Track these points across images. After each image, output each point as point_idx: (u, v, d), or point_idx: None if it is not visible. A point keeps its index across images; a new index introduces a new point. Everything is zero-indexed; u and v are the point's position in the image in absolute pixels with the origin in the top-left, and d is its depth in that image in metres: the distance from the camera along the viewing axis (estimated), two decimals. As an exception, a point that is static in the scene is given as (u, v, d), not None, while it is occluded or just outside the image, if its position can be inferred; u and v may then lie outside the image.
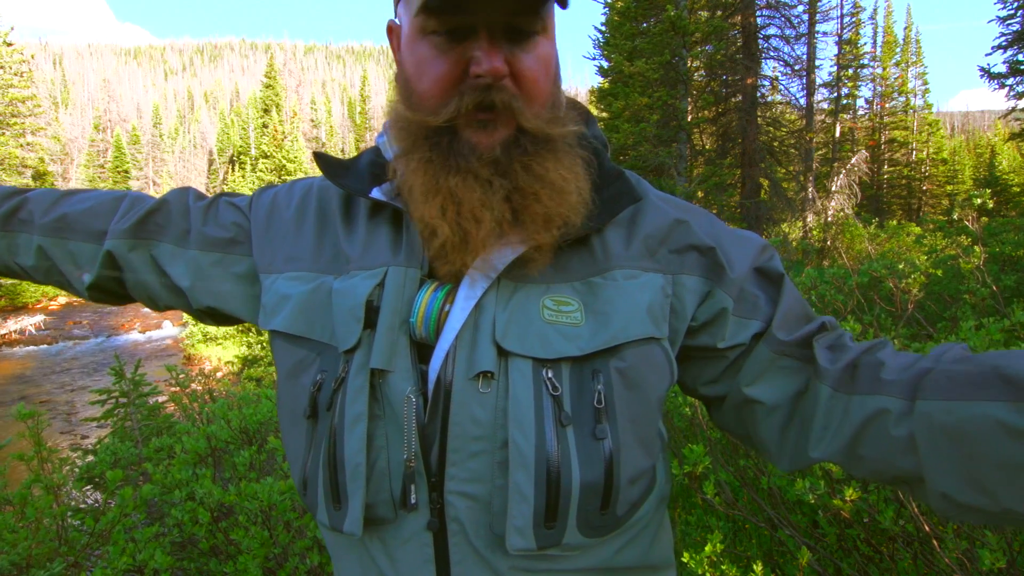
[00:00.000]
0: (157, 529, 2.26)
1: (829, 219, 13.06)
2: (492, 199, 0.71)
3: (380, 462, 0.73)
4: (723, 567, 1.62)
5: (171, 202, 0.92)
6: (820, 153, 20.91)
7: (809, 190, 15.62)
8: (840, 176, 15.23)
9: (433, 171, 0.72)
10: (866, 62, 27.22)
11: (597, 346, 0.71)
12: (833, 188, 14.99)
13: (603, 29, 17.03)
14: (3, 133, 31.04)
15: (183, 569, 2.34)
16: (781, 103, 16.49)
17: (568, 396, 0.71)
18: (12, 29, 32.83)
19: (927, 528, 1.58)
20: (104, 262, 0.91)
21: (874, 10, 36.96)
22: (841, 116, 22.08)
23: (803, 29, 15.95)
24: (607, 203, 0.77)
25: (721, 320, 0.78)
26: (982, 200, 2.72)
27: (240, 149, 64.70)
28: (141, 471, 3.30)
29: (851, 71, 23.37)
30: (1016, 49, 16.51)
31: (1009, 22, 16.62)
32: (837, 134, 21.95)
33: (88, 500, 3.49)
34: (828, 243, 11.55)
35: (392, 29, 0.82)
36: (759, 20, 14.97)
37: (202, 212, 0.91)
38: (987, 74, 16.50)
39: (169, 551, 2.19)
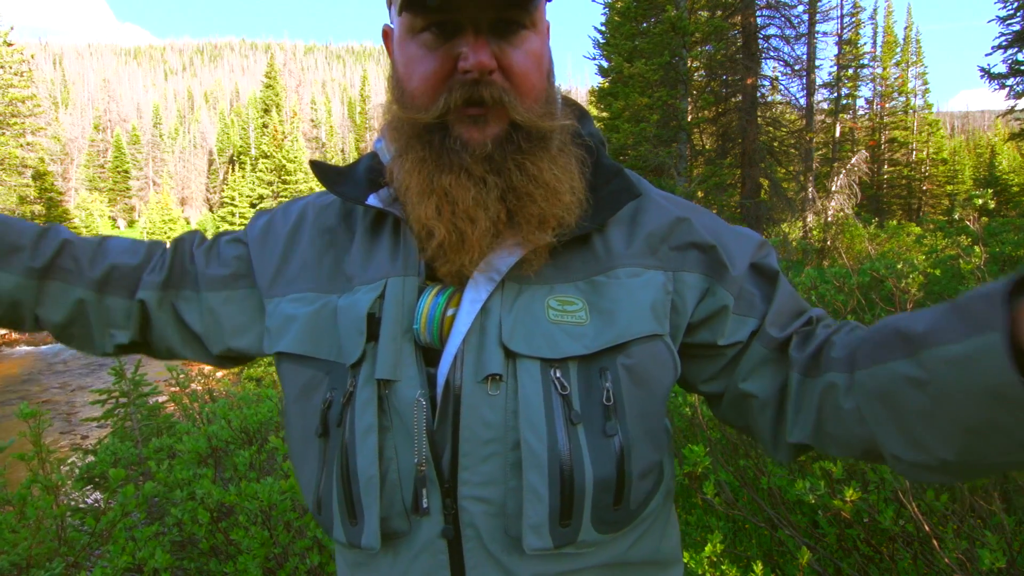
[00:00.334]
0: (157, 528, 2.26)
1: (829, 219, 13.06)
2: (486, 198, 0.71)
3: (391, 473, 0.72)
4: (723, 567, 1.62)
5: (181, 250, 0.90)
6: (820, 153, 20.90)
7: (809, 190, 15.63)
8: (840, 176, 15.23)
9: (427, 171, 0.73)
10: (866, 62, 27.22)
11: (603, 344, 0.72)
12: (833, 188, 14.99)
13: (603, 29, 17.02)
14: (3, 133, 31.04)
15: (183, 569, 2.34)
16: (781, 103, 16.50)
17: (577, 395, 0.71)
18: (12, 29, 32.88)
19: (927, 528, 1.58)
20: (139, 319, 0.87)
21: (874, 10, 36.98)
22: (841, 116, 22.08)
23: (803, 29, 15.96)
24: (607, 200, 0.77)
25: (722, 317, 0.79)
26: (983, 200, 2.72)
27: (240, 149, 64.73)
28: (142, 470, 3.30)
29: (851, 71, 23.37)
30: (1016, 49, 16.51)
31: (1009, 22, 16.62)
32: (837, 134, 21.95)
33: (88, 500, 3.50)
34: (828, 243, 11.56)
35: (387, 33, 0.82)
36: (759, 20, 14.97)
37: (205, 255, 0.90)
38: (987, 74, 16.51)
39: (169, 550, 2.19)
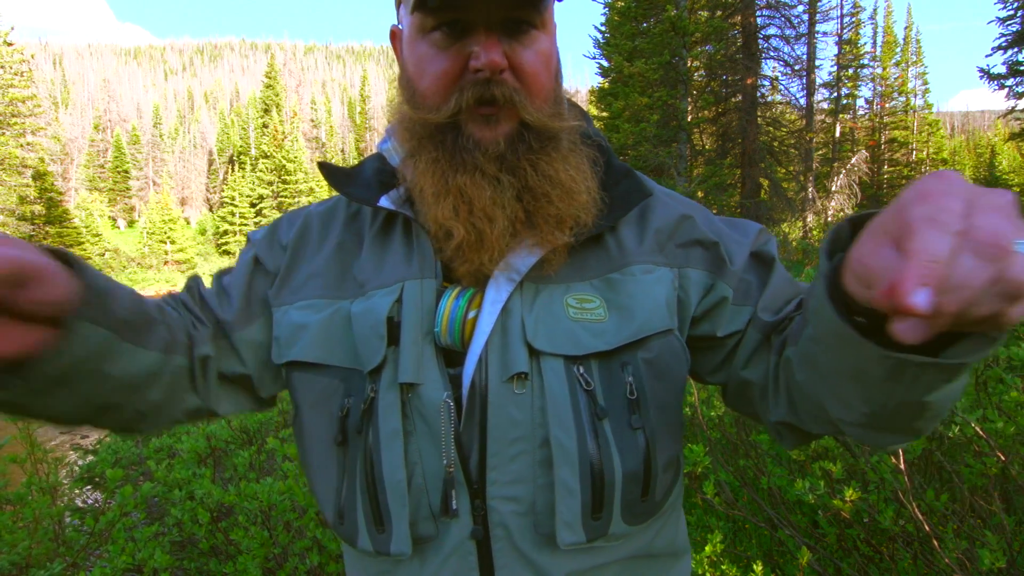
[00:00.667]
0: (157, 528, 2.26)
1: (829, 219, 13.06)
2: (502, 197, 0.72)
3: (416, 478, 0.72)
4: (723, 567, 1.63)
5: (208, 302, 0.85)
6: (820, 153, 20.91)
7: (809, 190, 15.64)
8: (840, 176, 15.23)
9: (441, 171, 0.73)
10: (866, 62, 27.22)
11: (624, 340, 0.73)
12: (833, 188, 15.00)
13: (603, 29, 17.04)
14: (3, 133, 31.06)
15: (183, 569, 2.33)
16: (781, 103, 16.51)
17: (600, 390, 0.72)
18: (12, 29, 32.88)
19: (927, 528, 1.58)
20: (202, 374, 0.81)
21: (874, 10, 36.97)
22: (841, 116, 22.09)
23: (803, 29, 15.97)
24: (619, 200, 0.78)
25: (721, 309, 0.80)
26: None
27: (240, 149, 64.75)
28: (142, 470, 3.30)
29: (851, 71, 23.39)
30: (1016, 49, 16.52)
31: (1009, 22, 16.63)
32: (837, 134, 21.96)
33: (88, 500, 3.49)
34: (828, 243, 11.53)
35: (395, 33, 0.82)
36: (759, 20, 14.98)
37: (216, 297, 0.85)
38: (987, 75, 16.51)
39: (169, 550, 2.19)
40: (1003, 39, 16.72)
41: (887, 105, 30.54)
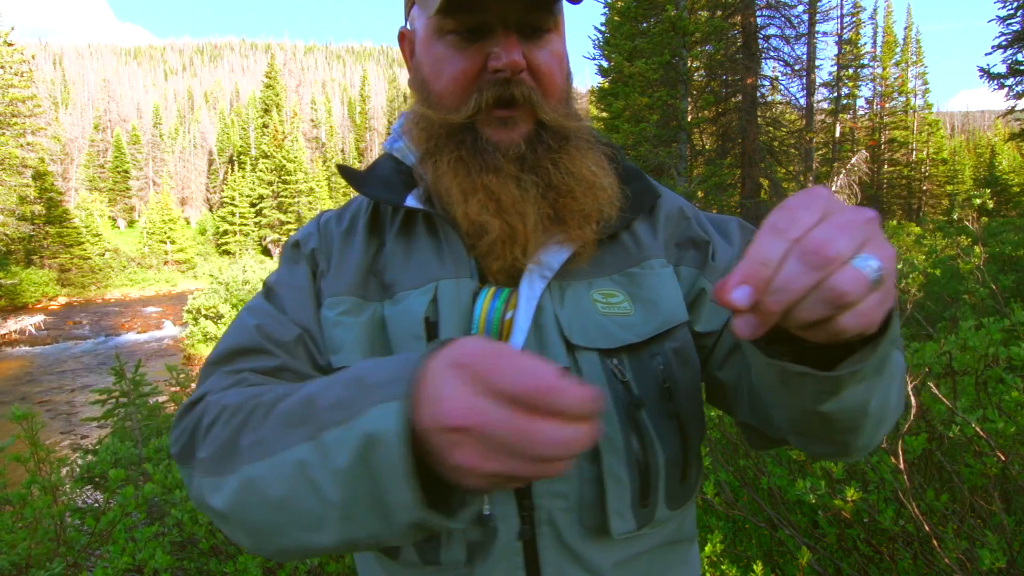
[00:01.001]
0: (157, 528, 2.26)
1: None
2: (528, 195, 0.73)
3: None
4: (723, 567, 1.63)
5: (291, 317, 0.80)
6: (820, 153, 20.91)
7: (809, 190, 15.60)
8: (840, 176, 15.23)
9: (466, 169, 0.74)
10: (866, 62, 27.24)
11: (652, 331, 0.75)
12: (833, 188, 14.99)
13: (603, 29, 17.01)
14: (3, 133, 31.04)
15: (183, 569, 2.33)
16: (781, 103, 16.51)
17: (633, 381, 0.74)
18: (12, 29, 32.85)
19: (927, 528, 1.58)
20: None
21: (874, 10, 36.94)
22: (841, 116, 22.09)
23: (803, 29, 15.96)
24: (634, 198, 0.81)
25: (700, 303, 0.82)
26: (982, 200, 2.72)
27: (240, 149, 64.70)
28: (142, 471, 3.30)
29: (851, 71, 23.39)
30: (1016, 49, 16.52)
31: (1009, 22, 16.63)
32: (837, 134, 21.97)
33: (88, 500, 3.49)
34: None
35: (404, 35, 0.83)
36: (759, 20, 14.97)
37: (273, 310, 0.80)
38: (987, 74, 16.51)
39: (169, 551, 2.19)
40: (1003, 38, 16.73)
41: (887, 105, 30.53)
